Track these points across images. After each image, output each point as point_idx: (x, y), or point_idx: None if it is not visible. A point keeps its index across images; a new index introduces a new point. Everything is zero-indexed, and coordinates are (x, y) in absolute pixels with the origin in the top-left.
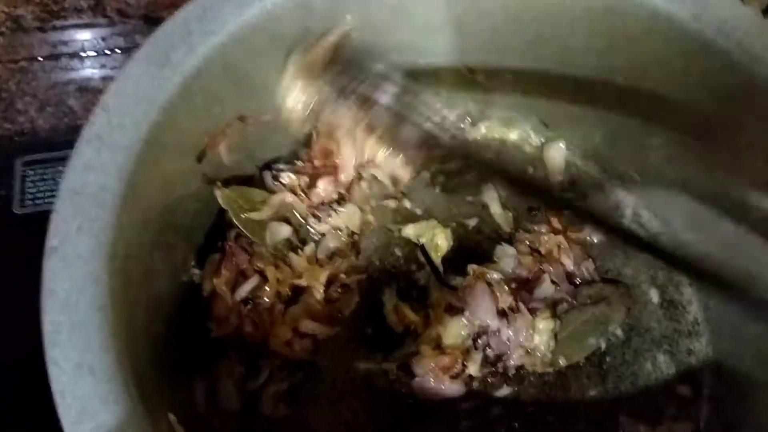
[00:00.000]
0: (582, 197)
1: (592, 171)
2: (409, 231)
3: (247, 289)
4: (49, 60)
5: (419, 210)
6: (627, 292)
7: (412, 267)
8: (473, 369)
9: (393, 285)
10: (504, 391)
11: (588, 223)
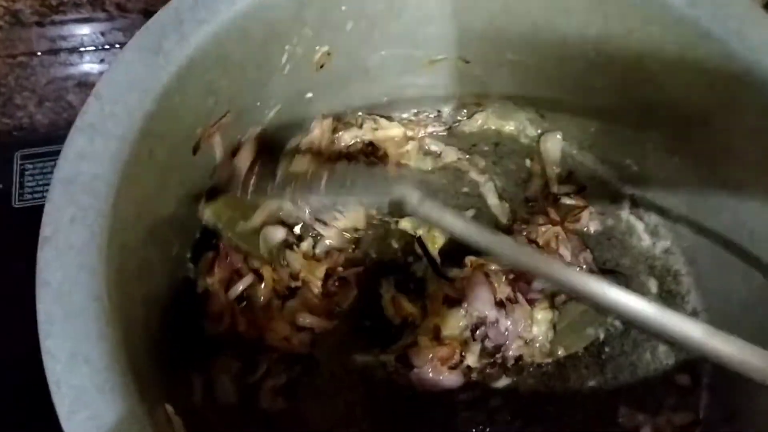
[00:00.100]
0: (579, 188)
1: (588, 162)
2: (406, 223)
3: (241, 288)
4: (48, 55)
5: None
6: (625, 282)
7: (409, 259)
8: (471, 360)
9: (390, 277)
10: (503, 382)
11: (585, 214)
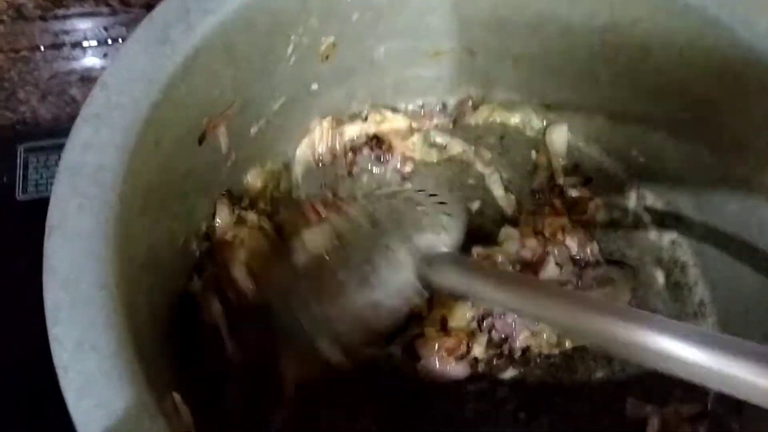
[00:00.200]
0: (585, 180)
1: (594, 154)
2: None
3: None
4: (51, 49)
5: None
6: (632, 273)
7: None
8: (478, 351)
9: None
10: (509, 373)
11: (592, 206)
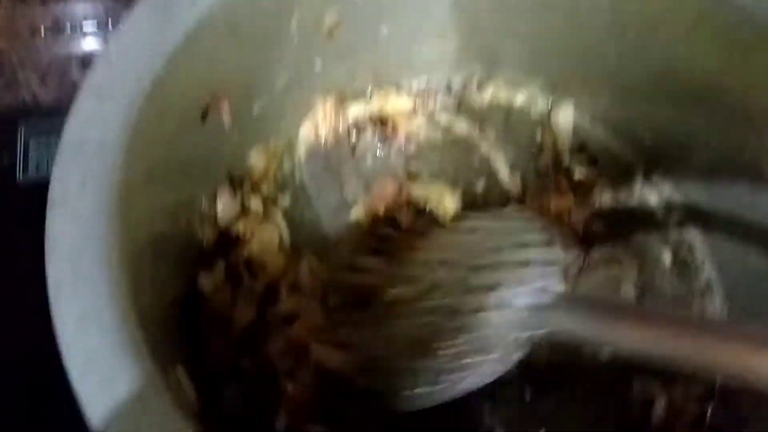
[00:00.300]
0: (591, 161)
1: (601, 134)
2: (417, 194)
3: None
4: (52, 33)
5: (425, 173)
6: (638, 252)
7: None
8: None
9: None
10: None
11: (597, 187)
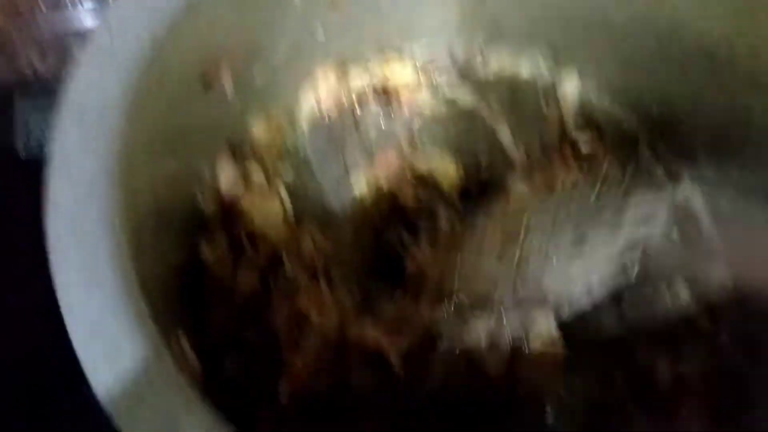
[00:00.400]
0: (597, 132)
1: (606, 105)
2: (421, 166)
3: None
4: (52, 9)
5: (429, 145)
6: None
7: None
8: None
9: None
10: None
11: (603, 158)
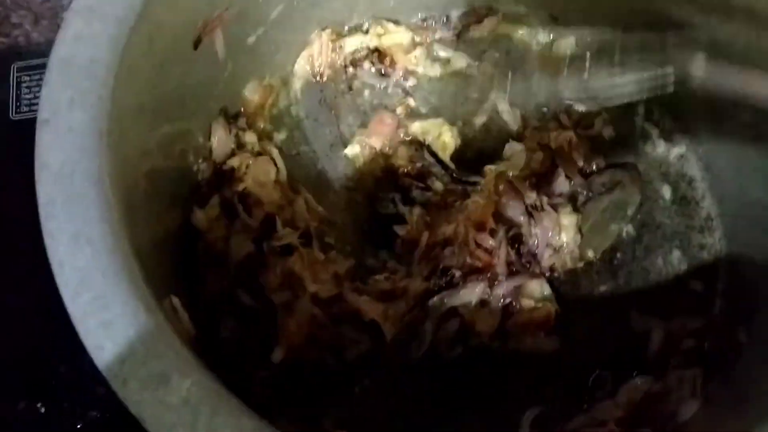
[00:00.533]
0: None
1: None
2: (415, 129)
3: None
4: None
5: (424, 109)
6: (637, 173)
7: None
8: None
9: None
10: None
11: (599, 120)
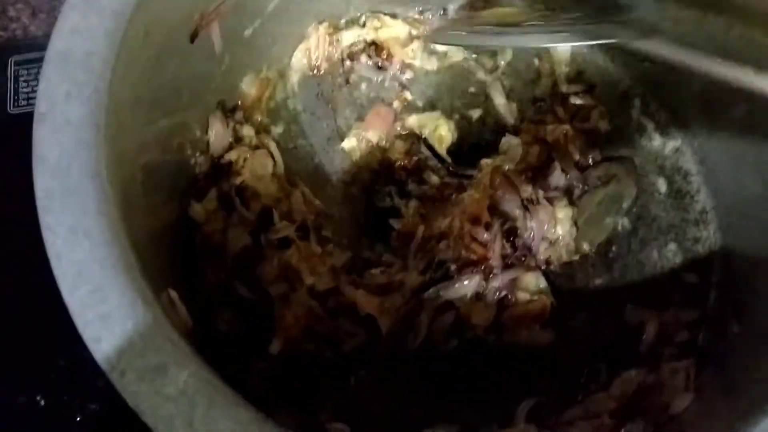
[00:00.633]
0: (589, 88)
1: (599, 60)
2: (412, 122)
3: None
4: None
5: (420, 102)
6: (633, 166)
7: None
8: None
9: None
10: None
11: (595, 113)
